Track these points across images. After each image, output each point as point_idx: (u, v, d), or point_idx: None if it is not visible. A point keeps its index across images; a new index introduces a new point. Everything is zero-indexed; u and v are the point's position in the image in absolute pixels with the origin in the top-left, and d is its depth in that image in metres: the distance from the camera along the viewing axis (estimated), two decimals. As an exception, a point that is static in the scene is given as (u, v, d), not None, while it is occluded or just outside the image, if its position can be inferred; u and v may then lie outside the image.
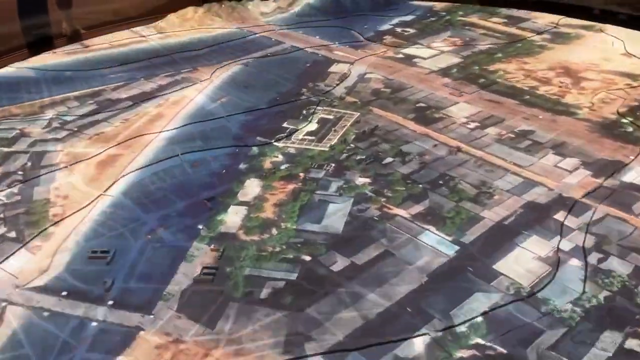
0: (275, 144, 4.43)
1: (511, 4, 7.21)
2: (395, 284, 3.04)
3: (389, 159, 4.18)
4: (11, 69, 5.76)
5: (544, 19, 6.91)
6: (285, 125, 4.71)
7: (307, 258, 3.25)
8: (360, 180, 3.94)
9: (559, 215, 3.55)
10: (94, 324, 2.85)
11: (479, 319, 2.83)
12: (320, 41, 6.52)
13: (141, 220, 3.58)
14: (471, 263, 3.18)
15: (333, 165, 4.13)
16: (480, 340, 2.71)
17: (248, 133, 4.58)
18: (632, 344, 2.69)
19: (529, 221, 3.51)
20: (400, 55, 6.07)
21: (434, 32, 6.71)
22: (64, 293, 3.03)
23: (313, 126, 4.68)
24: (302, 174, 4.03)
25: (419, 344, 2.70)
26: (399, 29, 6.84)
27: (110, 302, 2.97)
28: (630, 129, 4.49)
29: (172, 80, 5.58)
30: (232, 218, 3.59)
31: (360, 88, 5.34)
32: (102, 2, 6.58)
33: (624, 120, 4.60)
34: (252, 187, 3.90)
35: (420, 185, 3.87)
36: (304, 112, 4.90)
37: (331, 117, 4.82)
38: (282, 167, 4.12)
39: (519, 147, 4.31)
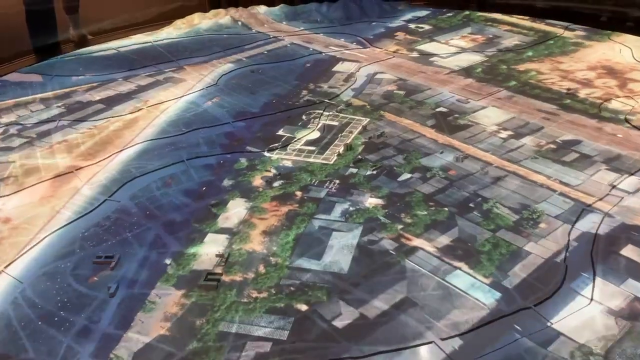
0: (267, 155, 3.68)
1: (518, 10, 6.44)
2: (418, 351, 2.27)
3: (406, 175, 3.43)
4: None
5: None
6: (280, 132, 3.96)
7: (303, 308, 2.48)
8: (371, 202, 3.18)
9: (627, 251, 2.77)
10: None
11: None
12: (324, 38, 5.80)
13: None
14: (518, 317, 2.41)
15: (337, 182, 3.38)
16: None
17: (235, 142, 3.84)
18: None
19: (589, 258, 2.74)
20: (415, 54, 5.33)
21: (452, 29, 5.98)
22: (-21, 356, 2.29)
23: (314, 134, 3.93)
24: (299, 193, 3.28)
25: None
26: (412, 25, 6.12)
27: (38, 369, 2.23)
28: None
29: (154, 80, 4.87)
30: (209, 251, 2.83)
31: (370, 90, 4.59)
32: (109, 9, 6.36)
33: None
34: (236, 210, 3.14)
35: (446, 209, 3.11)
36: (304, 117, 4.16)
37: (335, 123, 4.07)
38: (275, 184, 3.37)
39: (564, 160, 3.55)
